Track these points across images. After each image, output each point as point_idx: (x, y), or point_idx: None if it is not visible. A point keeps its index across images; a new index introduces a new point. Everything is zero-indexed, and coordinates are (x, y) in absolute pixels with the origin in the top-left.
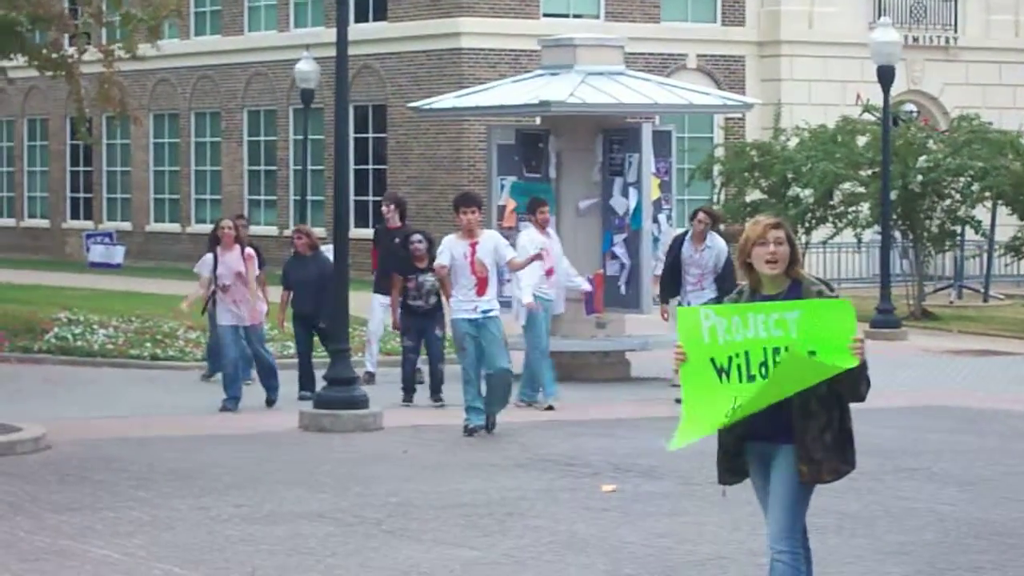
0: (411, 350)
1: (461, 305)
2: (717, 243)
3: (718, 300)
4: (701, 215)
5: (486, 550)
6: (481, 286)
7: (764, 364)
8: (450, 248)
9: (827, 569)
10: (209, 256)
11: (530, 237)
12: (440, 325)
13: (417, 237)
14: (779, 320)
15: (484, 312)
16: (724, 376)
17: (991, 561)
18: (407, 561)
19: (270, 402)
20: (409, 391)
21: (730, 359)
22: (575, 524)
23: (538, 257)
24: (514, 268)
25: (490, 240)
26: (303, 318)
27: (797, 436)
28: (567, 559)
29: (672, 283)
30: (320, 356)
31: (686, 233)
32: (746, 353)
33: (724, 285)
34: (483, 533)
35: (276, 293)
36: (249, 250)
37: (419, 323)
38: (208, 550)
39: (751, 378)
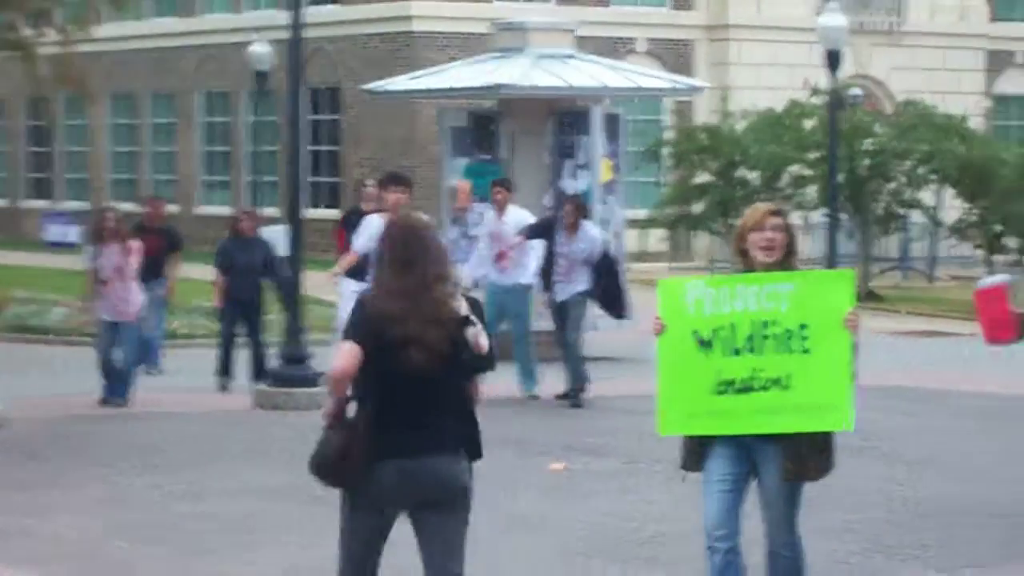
0: None
1: None
2: (590, 234)
3: (591, 291)
4: (569, 207)
5: None
6: None
7: (751, 338)
8: (373, 230)
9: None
10: (90, 248)
11: (484, 224)
12: None
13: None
14: (771, 292)
15: None
16: (706, 348)
17: (938, 539)
18: None
19: (105, 402)
20: None
21: (715, 331)
22: (525, 503)
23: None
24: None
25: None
26: (241, 303)
27: (785, 434)
28: (516, 537)
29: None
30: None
31: (554, 219)
32: (732, 325)
33: (605, 279)
34: None
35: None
36: (133, 243)
37: None
38: (164, 527)
39: (736, 351)
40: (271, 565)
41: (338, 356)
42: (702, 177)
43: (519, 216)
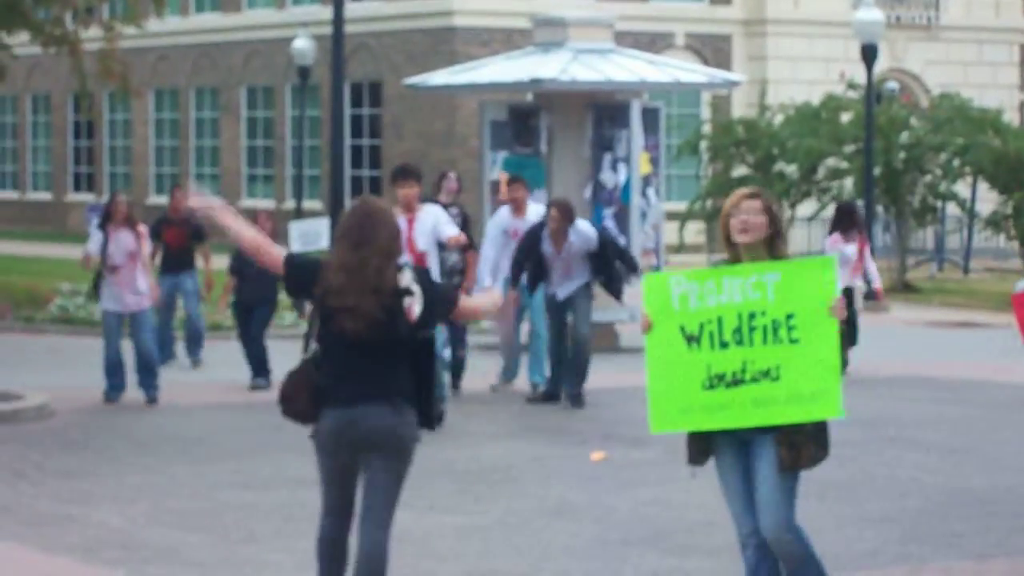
0: None
1: None
2: (582, 232)
3: (592, 281)
4: (554, 212)
5: (478, 516)
6: (415, 261)
7: (738, 330)
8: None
9: (811, 536)
10: (99, 233)
11: (498, 216)
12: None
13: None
14: (757, 283)
15: None
16: (694, 344)
17: (971, 528)
18: (400, 527)
19: (151, 400)
20: (458, 376)
21: (701, 326)
22: (565, 491)
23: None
24: (455, 246)
25: (429, 217)
26: (246, 305)
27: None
28: (556, 525)
29: (532, 272)
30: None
31: (542, 225)
32: (719, 319)
33: (602, 264)
34: (475, 500)
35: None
36: (141, 227)
37: None
38: (207, 515)
39: (724, 344)
40: (313, 553)
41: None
42: (740, 170)
43: (539, 213)
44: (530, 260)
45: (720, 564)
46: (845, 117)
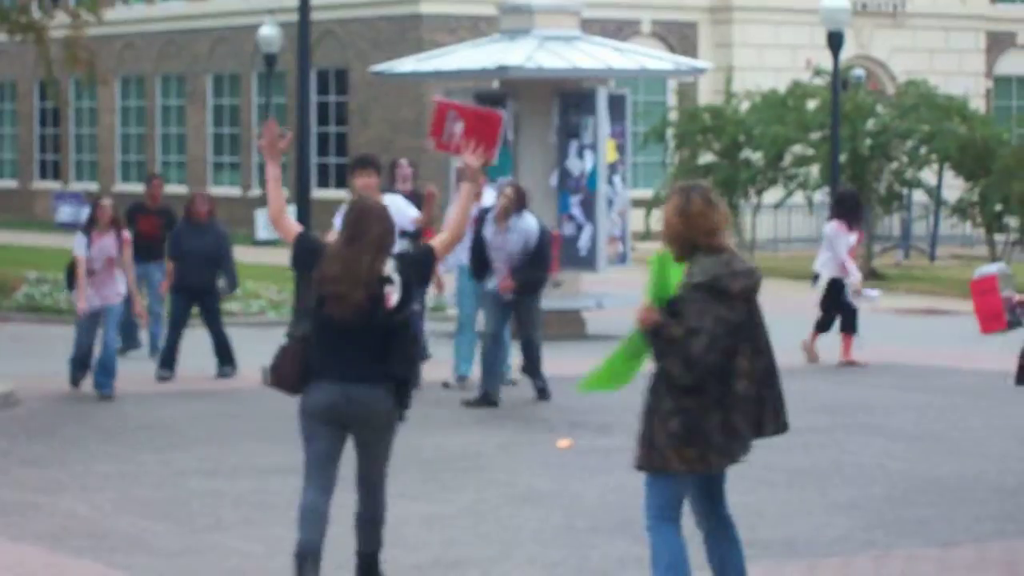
0: None
1: None
2: (525, 224)
3: (522, 290)
4: (509, 190)
5: (444, 504)
6: None
7: None
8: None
9: (778, 523)
10: (83, 237)
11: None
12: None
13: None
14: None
15: None
16: None
17: (938, 515)
18: None
19: (105, 398)
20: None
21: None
22: (532, 479)
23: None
24: (422, 224)
25: (390, 204)
26: (189, 291)
27: None
28: (524, 513)
29: (479, 263)
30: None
31: (487, 210)
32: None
33: (534, 272)
34: (442, 487)
35: None
36: (126, 233)
37: None
38: (175, 503)
39: None
40: (281, 541)
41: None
42: (706, 157)
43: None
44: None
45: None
46: (811, 104)
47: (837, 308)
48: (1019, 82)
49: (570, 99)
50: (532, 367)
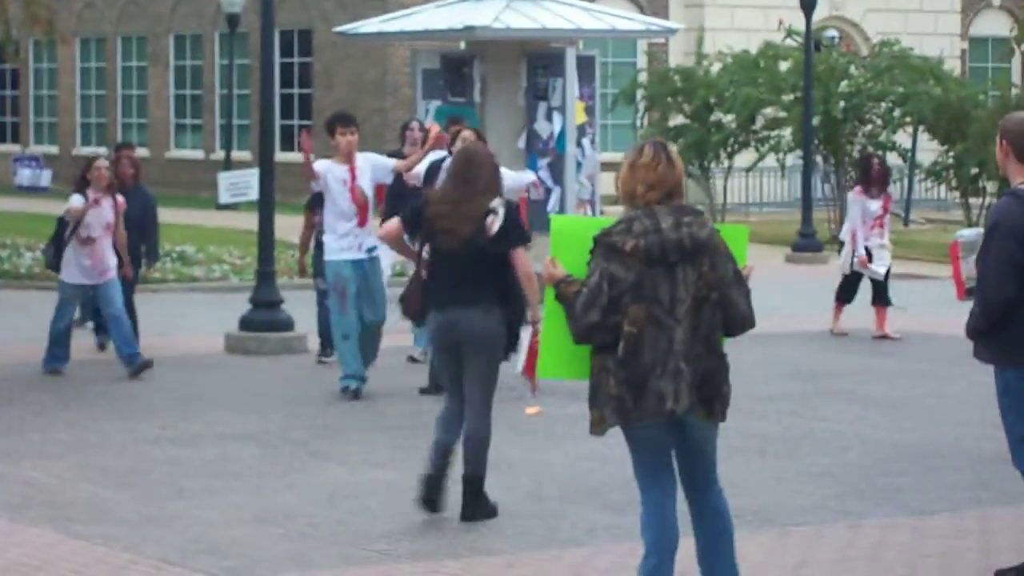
0: (326, 295)
1: (340, 243)
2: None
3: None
4: (469, 132)
5: (412, 472)
6: (363, 216)
7: None
8: (327, 173)
9: (750, 491)
10: (80, 197)
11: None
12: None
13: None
14: None
15: (369, 251)
16: None
17: (912, 483)
18: (333, 482)
19: (141, 367)
20: (328, 344)
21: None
22: (500, 446)
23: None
24: (403, 169)
25: (365, 161)
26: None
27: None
28: (491, 480)
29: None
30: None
31: (444, 158)
32: None
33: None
34: (408, 456)
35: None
36: (120, 198)
37: None
38: (135, 472)
39: None
40: (243, 509)
41: (384, 225)
42: (676, 120)
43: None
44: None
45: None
46: (784, 66)
47: (859, 279)
48: (995, 43)
49: (538, 60)
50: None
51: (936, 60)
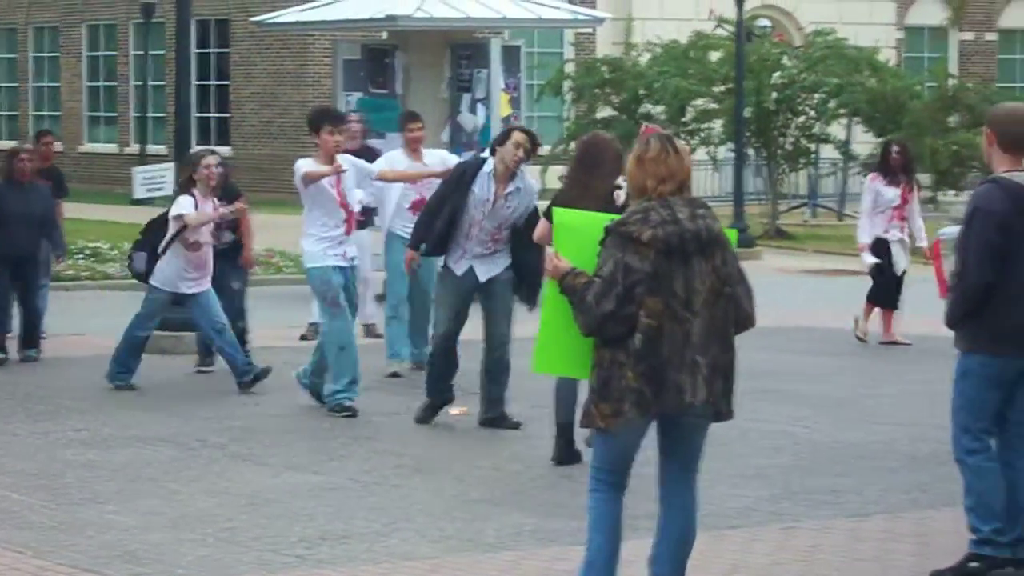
0: None
1: (327, 250)
2: (529, 182)
3: (523, 276)
4: (519, 136)
5: (332, 474)
6: (349, 222)
7: None
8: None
9: None
10: (188, 199)
11: (391, 160)
12: (240, 275)
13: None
14: None
15: (352, 259)
16: None
17: (848, 485)
18: (251, 485)
19: (258, 375)
20: (208, 351)
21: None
22: (423, 448)
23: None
24: (385, 179)
25: (347, 163)
26: (15, 260)
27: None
28: (414, 482)
29: (437, 230)
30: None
31: (481, 163)
32: None
33: (523, 244)
34: (329, 457)
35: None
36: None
37: (214, 268)
38: (46, 475)
39: None
40: (159, 514)
41: (539, 226)
42: (605, 112)
43: (440, 157)
44: (449, 210)
45: (584, 524)
46: (715, 56)
47: (895, 278)
48: (931, 32)
49: (462, 51)
50: (500, 379)
51: (871, 50)
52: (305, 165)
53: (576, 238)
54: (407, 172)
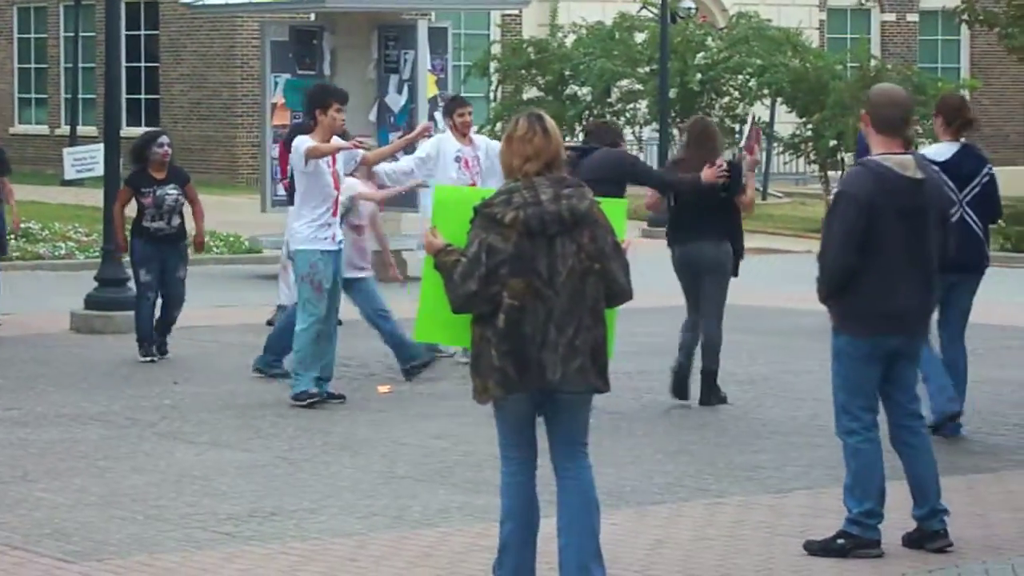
0: (150, 288)
1: (315, 232)
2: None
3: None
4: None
5: (261, 452)
6: (335, 205)
7: None
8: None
9: (605, 470)
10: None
11: (441, 143)
12: (184, 262)
13: (165, 139)
14: None
15: (339, 242)
16: None
17: (771, 461)
18: (181, 463)
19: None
20: (149, 341)
21: None
22: (351, 426)
23: (423, 185)
24: (372, 161)
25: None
26: None
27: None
28: (342, 460)
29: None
30: None
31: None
32: None
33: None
34: (258, 435)
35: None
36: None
37: (160, 252)
38: None
39: None
40: (88, 492)
41: (649, 196)
42: (531, 93)
43: (485, 143)
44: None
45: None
46: (639, 37)
47: None
48: (853, 14)
49: (390, 32)
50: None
51: (794, 31)
52: (307, 142)
53: (453, 215)
54: (384, 149)
